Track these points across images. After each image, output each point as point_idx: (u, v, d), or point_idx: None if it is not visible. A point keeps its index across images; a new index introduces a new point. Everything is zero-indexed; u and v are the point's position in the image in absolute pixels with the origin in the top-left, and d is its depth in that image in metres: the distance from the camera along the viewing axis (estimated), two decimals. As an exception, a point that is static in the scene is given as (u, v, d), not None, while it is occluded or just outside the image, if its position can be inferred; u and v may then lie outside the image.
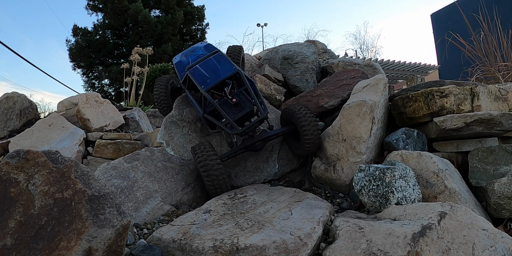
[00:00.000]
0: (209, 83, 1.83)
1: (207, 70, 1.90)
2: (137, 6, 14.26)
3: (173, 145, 2.19)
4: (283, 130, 2.01)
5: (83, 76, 16.63)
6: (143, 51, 6.36)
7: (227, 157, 1.91)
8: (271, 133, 1.96)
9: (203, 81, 1.85)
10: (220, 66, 1.91)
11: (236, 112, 1.85)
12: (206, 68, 1.92)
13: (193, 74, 1.90)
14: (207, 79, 1.85)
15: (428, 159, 1.60)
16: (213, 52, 2.05)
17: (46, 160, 1.17)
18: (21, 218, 1.05)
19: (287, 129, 2.01)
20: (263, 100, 1.90)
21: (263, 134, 1.93)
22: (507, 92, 2.10)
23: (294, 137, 2.07)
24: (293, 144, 2.08)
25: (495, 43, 3.19)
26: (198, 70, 1.91)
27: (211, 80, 1.85)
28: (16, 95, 3.69)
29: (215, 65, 1.93)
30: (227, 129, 1.82)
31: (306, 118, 1.90)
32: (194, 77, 1.88)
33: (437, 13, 11.60)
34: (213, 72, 1.89)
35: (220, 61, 1.95)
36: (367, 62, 2.86)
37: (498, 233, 1.19)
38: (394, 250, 1.10)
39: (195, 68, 1.93)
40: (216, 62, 1.94)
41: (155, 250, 1.28)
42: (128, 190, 1.76)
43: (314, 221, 1.35)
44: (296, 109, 1.96)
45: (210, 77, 1.86)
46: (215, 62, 1.94)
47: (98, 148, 3.15)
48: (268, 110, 1.88)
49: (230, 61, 1.94)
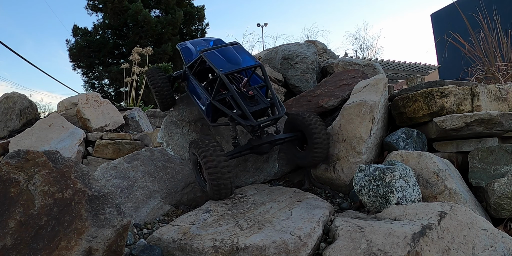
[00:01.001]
0: (228, 68, 1.72)
1: (225, 57, 1.80)
2: (137, 6, 14.25)
3: (173, 145, 2.19)
4: (291, 135, 1.90)
5: (83, 76, 16.63)
6: (143, 51, 6.37)
7: (231, 156, 1.77)
8: (278, 136, 1.84)
9: (221, 64, 1.74)
10: (241, 56, 1.82)
11: (251, 105, 1.71)
12: (224, 55, 1.82)
13: (210, 56, 1.79)
14: (226, 64, 1.75)
15: (428, 159, 1.60)
16: (232, 42, 1.97)
17: (46, 160, 1.17)
18: (21, 218, 1.05)
19: (295, 136, 1.89)
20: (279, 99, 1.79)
21: (271, 137, 1.82)
22: (507, 92, 2.10)
23: (299, 146, 1.96)
24: (297, 153, 1.96)
25: (495, 43, 3.19)
26: (215, 54, 1.81)
27: (230, 66, 1.74)
28: (16, 95, 3.69)
29: (234, 54, 1.83)
30: (240, 120, 1.68)
31: (317, 125, 1.79)
32: (210, 59, 1.77)
33: (437, 13, 11.59)
34: (232, 59, 1.79)
35: (240, 52, 1.86)
36: (367, 62, 2.86)
37: (498, 233, 1.19)
38: (394, 250, 1.10)
39: (211, 52, 1.82)
40: (236, 51, 1.85)
41: (155, 250, 1.28)
42: (128, 190, 1.76)
43: (314, 221, 1.35)
44: (306, 115, 1.84)
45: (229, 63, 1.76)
46: (234, 51, 1.85)
47: (98, 148, 3.15)
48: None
49: (251, 54, 1.84)
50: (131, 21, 14.55)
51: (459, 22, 3.72)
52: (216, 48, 1.88)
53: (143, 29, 14.63)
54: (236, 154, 1.80)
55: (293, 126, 1.93)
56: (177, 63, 15.19)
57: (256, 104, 1.74)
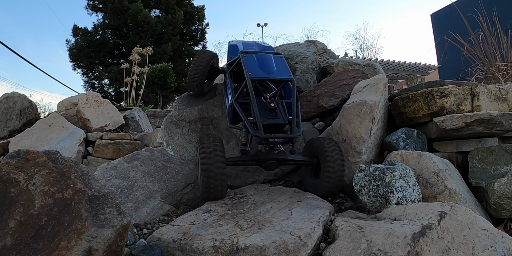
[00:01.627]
0: (259, 74, 1.71)
1: (261, 63, 1.79)
2: (137, 6, 14.25)
3: (173, 145, 2.19)
4: (305, 160, 1.80)
5: (83, 76, 16.64)
6: (143, 51, 6.37)
7: (233, 162, 1.75)
8: (290, 157, 1.75)
9: (253, 69, 1.73)
10: (276, 66, 1.79)
11: (269, 117, 1.66)
12: (261, 61, 1.80)
13: (246, 59, 1.78)
14: (258, 70, 1.74)
15: (428, 159, 1.60)
16: (275, 52, 1.94)
17: (46, 160, 1.17)
18: (21, 218, 1.05)
19: (309, 161, 1.79)
20: (300, 121, 1.71)
21: (282, 154, 1.74)
22: (507, 92, 2.10)
23: (314, 174, 1.84)
24: (310, 181, 1.85)
25: (495, 43, 3.19)
26: (252, 58, 1.80)
27: (261, 73, 1.73)
28: (16, 95, 3.69)
29: (271, 63, 1.81)
30: (250, 128, 1.63)
31: (333, 153, 1.67)
32: (245, 62, 1.76)
33: (437, 13, 11.60)
34: (266, 67, 1.77)
35: (278, 63, 1.82)
36: (367, 62, 2.86)
37: (498, 233, 1.19)
38: (394, 250, 1.10)
39: (250, 55, 1.81)
40: (274, 61, 1.83)
41: (155, 250, 1.28)
42: (128, 190, 1.76)
43: (314, 221, 1.35)
44: (324, 141, 1.73)
45: (262, 70, 1.75)
46: (272, 60, 1.83)
47: (98, 148, 3.15)
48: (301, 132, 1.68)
49: (288, 68, 1.81)
50: (131, 21, 14.55)
51: (459, 22, 3.71)
52: (257, 53, 1.86)
53: (143, 29, 14.63)
54: (240, 161, 1.76)
55: (311, 151, 1.82)
56: (177, 63, 15.21)
57: (274, 117, 1.67)
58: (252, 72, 1.70)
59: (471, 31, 3.34)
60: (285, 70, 1.78)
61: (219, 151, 1.59)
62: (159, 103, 10.37)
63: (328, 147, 1.69)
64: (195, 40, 17.29)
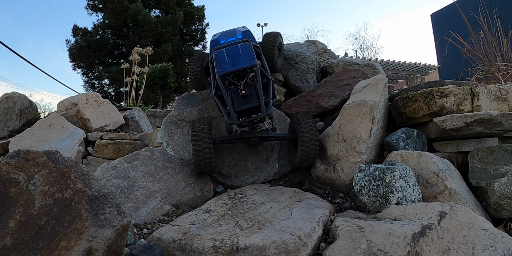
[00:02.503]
0: (225, 69, 1.88)
1: (229, 56, 1.94)
2: (137, 6, 14.25)
3: (173, 145, 2.19)
4: (283, 135, 2.04)
5: (83, 76, 16.64)
6: (143, 51, 6.36)
7: (221, 141, 1.99)
8: (271, 134, 1.98)
9: (221, 65, 1.90)
10: (242, 55, 1.93)
11: (242, 103, 1.85)
12: (229, 54, 1.95)
13: (216, 56, 1.95)
14: (225, 65, 1.90)
15: (428, 159, 1.60)
16: (243, 40, 2.08)
17: (46, 160, 1.17)
18: (21, 218, 1.05)
19: (287, 137, 2.03)
20: (270, 99, 1.88)
21: (263, 132, 1.96)
22: (507, 92, 2.10)
23: (295, 147, 2.06)
24: (292, 154, 2.09)
25: (495, 43, 3.19)
26: (221, 54, 1.96)
27: (228, 67, 1.89)
28: (16, 95, 3.69)
29: (238, 53, 1.95)
30: (226, 117, 1.85)
31: (306, 128, 1.88)
32: (216, 59, 1.94)
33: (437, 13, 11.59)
34: (233, 59, 1.92)
35: (245, 51, 1.96)
36: (367, 62, 2.86)
37: (498, 233, 1.19)
38: (394, 250, 1.10)
39: (220, 51, 1.98)
40: (241, 50, 1.97)
41: (155, 250, 1.28)
42: (128, 190, 1.76)
43: (314, 221, 1.35)
44: (302, 120, 1.94)
45: (229, 63, 1.91)
46: (240, 50, 1.97)
47: (98, 148, 3.15)
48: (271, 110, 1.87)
49: (253, 53, 1.95)
50: (131, 21, 14.55)
51: (459, 22, 3.71)
52: (227, 46, 2.00)
53: (143, 29, 14.63)
54: (227, 141, 2.00)
55: (292, 127, 2.04)
56: (177, 63, 15.21)
57: (247, 103, 1.85)
58: (220, 68, 1.89)
59: (472, 31, 3.34)
60: (249, 58, 1.92)
61: (206, 130, 1.85)
62: (159, 103, 10.36)
63: (303, 122, 1.91)
64: (195, 40, 17.28)
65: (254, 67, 1.87)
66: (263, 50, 2.33)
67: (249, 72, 1.90)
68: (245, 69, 1.89)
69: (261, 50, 2.18)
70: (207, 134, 1.84)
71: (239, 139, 1.98)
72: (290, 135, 2.03)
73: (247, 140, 1.97)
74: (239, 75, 1.91)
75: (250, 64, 1.88)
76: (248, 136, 1.95)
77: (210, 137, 1.85)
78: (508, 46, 3.15)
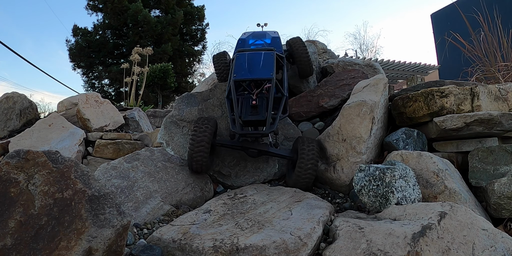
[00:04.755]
0: (241, 75, 1.85)
1: (249, 63, 1.91)
2: (137, 6, 14.25)
3: (173, 145, 2.19)
4: (283, 154, 1.95)
5: (83, 76, 16.63)
6: (143, 51, 6.36)
7: (221, 144, 1.96)
8: (271, 150, 1.93)
9: (238, 70, 1.87)
10: (262, 65, 1.89)
11: (250, 114, 1.82)
12: (250, 60, 1.92)
13: (237, 59, 1.93)
14: (243, 70, 1.87)
15: (428, 159, 1.60)
16: (269, 48, 2.04)
17: (46, 160, 1.17)
18: (21, 218, 1.05)
19: (288, 156, 1.94)
20: (279, 116, 1.82)
21: (264, 146, 1.92)
22: (507, 92, 2.10)
23: (292, 168, 1.97)
24: (288, 172, 2.01)
25: (495, 43, 3.19)
26: (243, 58, 1.93)
27: (245, 73, 1.86)
28: (16, 95, 3.69)
29: (259, 61, 1.91)
30: (230, 123, 1.84)
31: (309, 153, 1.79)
32: (236, 62, 1.92)
33: (437, 13, 11.59)
34: (252, 67, 1.89)
35: (266, 61, 1.92)
36: (367, 62, 2.86)
37: (498, 233, 1.19)
38: (394, 250, 1.10)
39: (243, 54, 1.95)
40: (263, 59, 1.92)
41: (155, 250, 1.28)
42: (128, 190, 1.76)
43: (314, 221, 1.35)
44: (304, 140, 1.86)
45: (247, 70, 1.87)
46: (262, 58, 1.93)
47: (98, 148, 3.15)
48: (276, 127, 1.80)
49: (273, 65, 1.89)
50: (131, 21, 14.54)
51: (459, 22, 3.71)
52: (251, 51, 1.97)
53: (143, 29, 14.62)
54: (227, 144, 1.96)
55: (295, 147, 1.95)
56: (177, 63, 15.21)
57: (255, 114, 1.82)
58: (237, 73, 1.85)
59: (472, 31, 3.34)
60: (268, 69, 1.87)
61: (208, 131, 1.80)
62: (159, 103, 10.36)
63: (306, 146, 1.81)
64: (195, 40, 17.28)
65: (271, 79, 1.82)
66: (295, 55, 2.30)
67: (266, 82, 1.85)
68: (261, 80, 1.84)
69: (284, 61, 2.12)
70: (206, 137, 1.79)
71: (239, 147, 1.94)
72: (290, 155, 1.93)
73: (247, 149, 1.94)
74: (256, 83, 1.87)
75: (267, 77, 1.83)
76: (248, 147, 1.91)
77: (209, 140, 1.79)
78: (508, 46, 3.15)
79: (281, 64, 2.07)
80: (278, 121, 1.83)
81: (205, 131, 1.80)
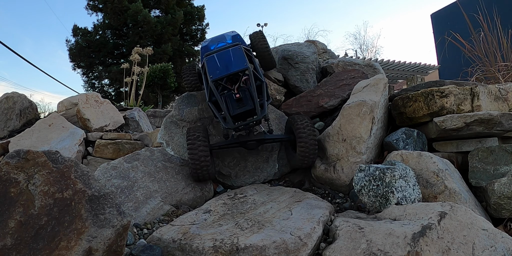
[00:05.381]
0: (218, 74, 1.87)
1: (221, 61, 1.93)
2: (137, 6, 14.24)
3: (173, 145, 2.19)
4: (281, 137, 2.03)
5: (83, 76, 16.63)
6: (143, 51, 6.36)
7: (218, 147, 1.98)
8: (268, 136, 1.98)
9: (213, 71, 1.89)
10: (234, 59, 1.92)
11: (237, 107, 1.85)
12: (220, 59, 1.94)
13: (208, 62, 1.94)
14: (217, 69, 1.89)
15: (428, 159, 1.60)
16: (234, 44, 2.07)
17: (46, 160, 1.17)
18: (21, 218, 1.05)
19: (285, 137, 2.02)
20: (265, 101, 1.87)
21: (260, 135, 1.97)
22: (507, 92, 2.10)
23: (293, 148, 2.04)
24: (289, 154, 2.08)
25: (495, 43, 3.19)
26: (213, 59, 1.95)
27: (220, 71, 1.88)
28: (16, 95, 3.69)
29: (229, 57, 1.94)
30: (222, 122, 1.85)
31: (305, 130, 1.87)
32: (207, 65, 1.93)
33: (437, 13, 11.60)
34: (225, 64, 1.91)
35: (236, 55, 1.95)
36: (367, 62, 2.86)
37: (498, 233, 1.19)
38: (394, 250, 1.10)
39: (211, 56, 1.97)
40: (232, 54, 1.96)
41: (155, 250, 1.28)
42: (128, 190, 1.76)
43: (314, 221, 1.35)
44: (298, 119, 1.94)
45: (221, 68, 1.89)
46: (231, 54, 1.96)
47: (98, 148, 3.15)
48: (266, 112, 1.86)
49: (244, 56, 1.94)
50: (131, 21, 14.54)
51: (459, 22, 3.72)
52: (218, 52, 1.99)
53: (143, 29, 14.62)
54: (224, 146, 1.98)
55: (289, 128, 2.03)
56: (176, 63, 15.21)
57: (242, 106, 1.84)
58: (212, 74, 1.87)
59: (472, 31, 3.34)
60: (241, 61, 1.90)
61: (201, 138, 1.85)
62: (159, 103, 10.36)
63: (301, 123, 1.89)
64: (195, 40, 17.27)
65: (247, 70, 1.86)
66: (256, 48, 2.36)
67: (241, 75, 1.89)
68: (238, 73, 1.87)
69: (252, 53, 2.17)
70: (203, 142, 1.83)
71: (236, 143, 1.96)
72: (287, 136, 2.02)
73: (245, 143, 1.97)
74: (232, 79, 1.90)
75: (243, 67, 1.86)
76: (245, 140, 1.94)
77: (206, 144, 1.84)
78: (508, 46, 3.15)
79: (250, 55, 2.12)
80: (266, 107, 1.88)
81: (199, 138, 1.84)
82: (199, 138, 1.84)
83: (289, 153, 2.08)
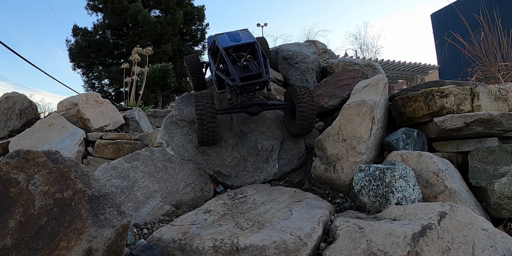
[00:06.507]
0: (228, 43, 2.06)
1: (230, 37, 2.15)
2: (137, 6, 14.24)
3: (173, 145, 2.19)
4: (282, 103, 2.16)
5: (83, 76, 16.63)
6: (143, 51, 6.36)
7: (223, 111, 2.08)
8: (269, 102, 2.11)
9: (225, 42, 2.09)
10: (243, 36, 2.15)
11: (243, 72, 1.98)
12: (230, 36, 2.17)
13: (218, 38, 2.14)
14: (228, 42, 2.10)
15: (428, 159, 1.60)
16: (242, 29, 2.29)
17: (46, 160, 1.17)
18: (21, 218, 1.05)
19: (286, 104, 2.15)
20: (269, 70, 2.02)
21: (261, 100, 2.10)
22: (507, 92, 2.10)
23: (292, 116, 2.18)
24: (289, 123, 2.21)
25: (495, 43, 3.19)
26: (223, 36, 2.17)
27: (230, 42, 2.08)
28: (16, 95, 3.69)
29: (239, 35, 2.18)
30: (229, 81, 1.95)
31: (304, 96, 2.01)
32: (218, 39, 2.11)
33: (437, 13, 11.59)
34: (235, 38, 2.13)
35: (244, 34, 2.19)
36: (367, 62, 2.86)
37: (498, 233, 1.19)
38: (394, 250, 1.10)
39: (222, 35, 2.19)
40: (241, 34, 2.19)
41: (155, 250, 1.28)
42: (128, 190, 1.76)
43: (314, 221, 1.35)
44: (297, 88, 2.08)
45: (232, 40, 2.11)
46: (240, 33, 2.20)
47: (98, 148, 3.15)
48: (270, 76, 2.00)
49: (252, 35, 2.16)
50: (131, 21, 14.55)
51: (459, 22, 3.71)
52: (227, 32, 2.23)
53: (143, 29, 14.62)
54: (228, 110, 2.10)
55: (288, 96, 2.18)
56: (177, 63, 15.21)
57: (248, 72, 1.99)
58: (223, 43, 2.06)
59: (472, 31, 3.34)
60: (249, 37, 2.14)
61: (209, 104, 1.95)
62: (159, 103, 10.36)
63: (300, 91, 2.05)
64: (195, 40, 17.28)
65: (255, 43, 2.05)
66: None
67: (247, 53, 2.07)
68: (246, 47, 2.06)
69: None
70: (211, 108, 1.94)
71: (240, 108, 2.07)
72: (286, 103, 2.14)
73: (247, 108, 2.07)
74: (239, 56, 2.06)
75: (252, 40, 2.06)
76: (248, 103, 2.05)
77: (214, 111, 1.95)
78: (508, 46, 3.15)
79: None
80: None
81: (207, 102, 1.95)
82: (207, 104, 1.94)
83: (289, 121, 2.21)
